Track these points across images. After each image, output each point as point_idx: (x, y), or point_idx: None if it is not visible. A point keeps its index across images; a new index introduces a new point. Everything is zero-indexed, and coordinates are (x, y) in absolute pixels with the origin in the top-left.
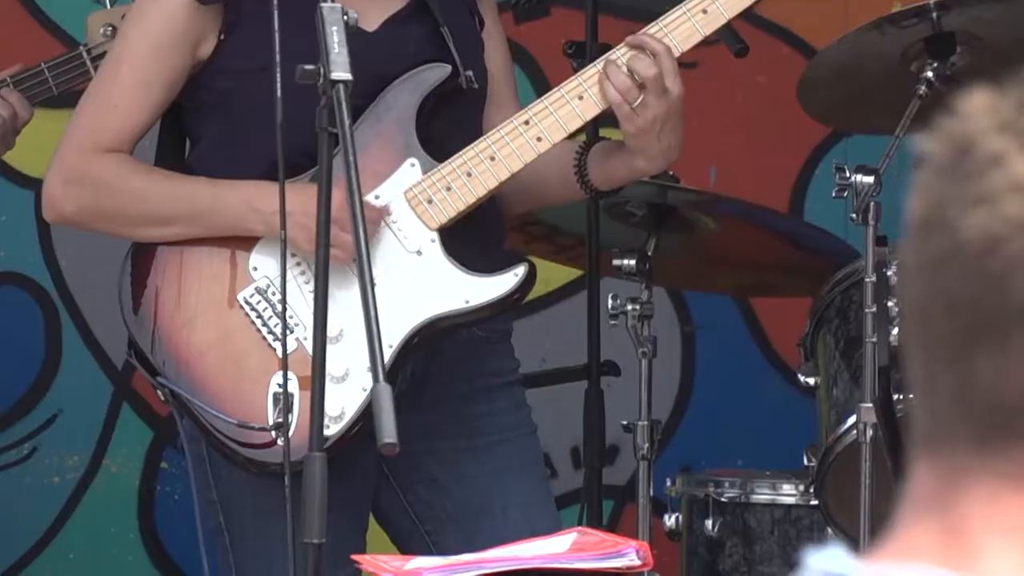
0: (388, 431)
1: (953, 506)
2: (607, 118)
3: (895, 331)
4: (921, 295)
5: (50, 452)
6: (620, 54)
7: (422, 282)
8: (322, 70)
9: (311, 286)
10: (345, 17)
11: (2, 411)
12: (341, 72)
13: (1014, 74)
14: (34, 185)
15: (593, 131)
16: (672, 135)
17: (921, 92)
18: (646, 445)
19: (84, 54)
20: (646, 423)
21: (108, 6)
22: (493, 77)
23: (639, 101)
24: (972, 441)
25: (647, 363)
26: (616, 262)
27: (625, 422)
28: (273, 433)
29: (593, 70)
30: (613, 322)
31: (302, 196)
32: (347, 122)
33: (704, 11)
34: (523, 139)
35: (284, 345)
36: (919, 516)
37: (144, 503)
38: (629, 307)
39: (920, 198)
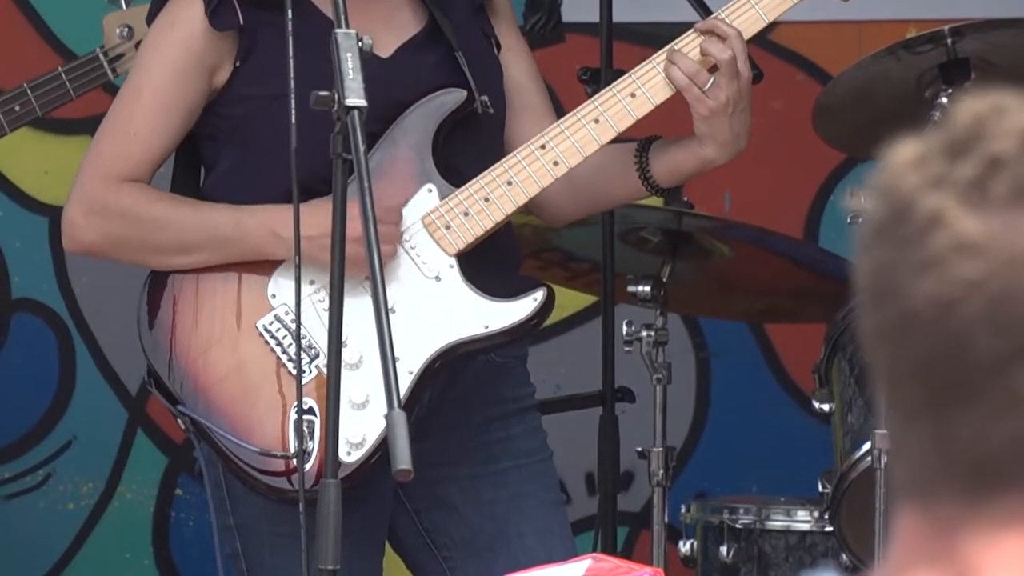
0: (403, 457)
1: (953, 553)
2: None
3: None
4: (885, 360)
5: (65, 478)
6: (687, 42)
7: (441, 308)
8: (336, 96)
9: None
10: (360, 43)
11: (17, 437)
12: (355, 98)
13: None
14: (48, 211)
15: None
16: (743, 120)
17: (936, 118)
18: (661, 471)
19: (101, 56)
20: (661, 449)
21: (124, 6)
22: (523, 89)
23: (710, 83)
24: (962, 492)
25: (662, 389)
26: (631, 288)
27: (640, 448)
28: (294, 460)
29: (609, 94)
30: (628, 348)
31: (325, 219)
32: (361, 148)
33: None
34: (540, 163)
35: (299, 370)
36: (918, 563)
37: (159, 529)
38: (644, 333)
39: (865, 263)
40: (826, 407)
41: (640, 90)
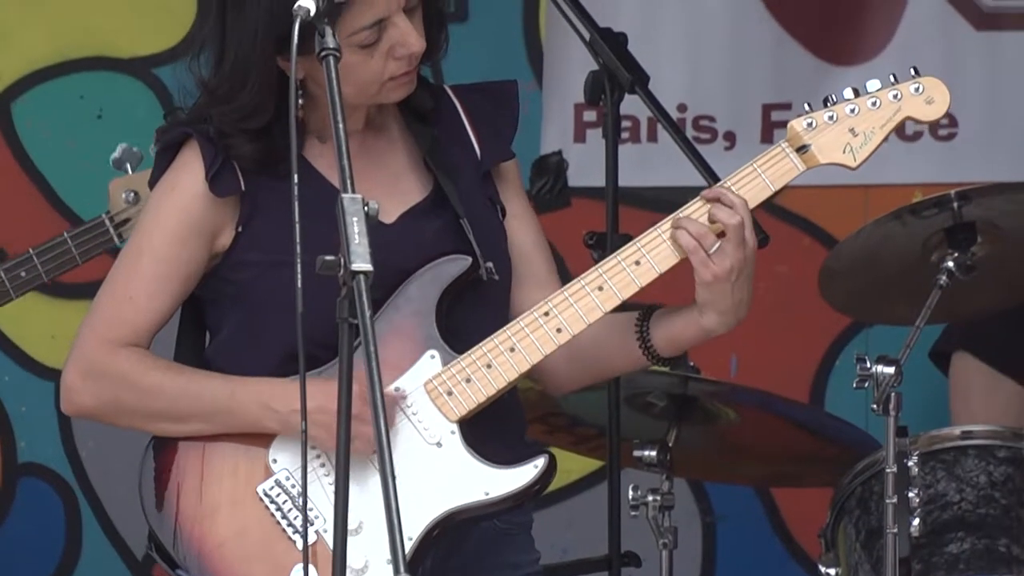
0: None
1: None
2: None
3: (915, 522)
4: None
5: None
6: (693, 209)
7: (442, 474)
8: (342, 261)
9: (331, 478)
10: (366, 208)
11: None
12: (361, 263)
13: None
14: (54, 376)
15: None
16: (745, 288)
17: (942, 282)
18: None
19: (107, 221)
20: None
21: (130, 171)
22: (527, 257)
23: (716, 248)
24: None
25: (668, 554)
26: (637, 453)
27: None
28: None
29: (613, 261)
30: (634, 513)
31: (320, 393)
32: (368, 313)
33: None
34: (543, 331)
35: (305, 538)
36: None
37: None
38: (650, 498)
39: None
40: (832, 572)
41: (645, 258)
